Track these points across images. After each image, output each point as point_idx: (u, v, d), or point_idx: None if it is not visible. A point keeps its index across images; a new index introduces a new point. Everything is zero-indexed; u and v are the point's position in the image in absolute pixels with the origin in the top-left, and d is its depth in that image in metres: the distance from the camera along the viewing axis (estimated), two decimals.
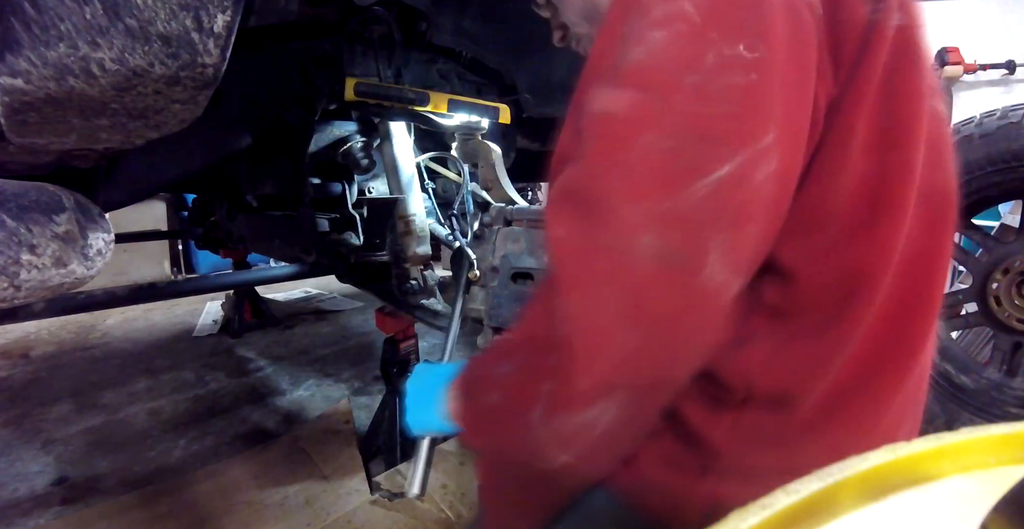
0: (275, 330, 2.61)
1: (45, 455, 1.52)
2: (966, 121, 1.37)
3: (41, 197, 0.54)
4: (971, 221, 1.46)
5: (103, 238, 0.60)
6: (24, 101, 0.45)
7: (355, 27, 0.97)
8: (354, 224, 1.17)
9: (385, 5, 0.93)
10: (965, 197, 1.36)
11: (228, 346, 2.40)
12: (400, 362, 1.42)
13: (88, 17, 0.42)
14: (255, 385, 1.98)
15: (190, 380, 2.03)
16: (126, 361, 2.22)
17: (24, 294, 0.53)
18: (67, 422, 1.71)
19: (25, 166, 0.60)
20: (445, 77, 1.20)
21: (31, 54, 0.42)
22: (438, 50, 1.14)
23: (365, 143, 1.14)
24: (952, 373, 1.42)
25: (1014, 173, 1.27)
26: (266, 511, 1.23)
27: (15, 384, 2.00)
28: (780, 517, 0.21)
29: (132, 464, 1.47)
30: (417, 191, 1.10)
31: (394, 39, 1.01)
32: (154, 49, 0.46)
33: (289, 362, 2.20)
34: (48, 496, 1.34)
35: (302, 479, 1.35)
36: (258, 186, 1.28)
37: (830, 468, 0.23)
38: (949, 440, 0.26)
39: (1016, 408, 1.30)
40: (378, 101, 1.01)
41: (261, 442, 1.54)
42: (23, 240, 0.51)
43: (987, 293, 1.37)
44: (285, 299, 3.13)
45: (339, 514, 1.21)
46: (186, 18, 0.46)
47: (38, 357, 2.27)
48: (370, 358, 2.22)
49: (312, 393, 1.91)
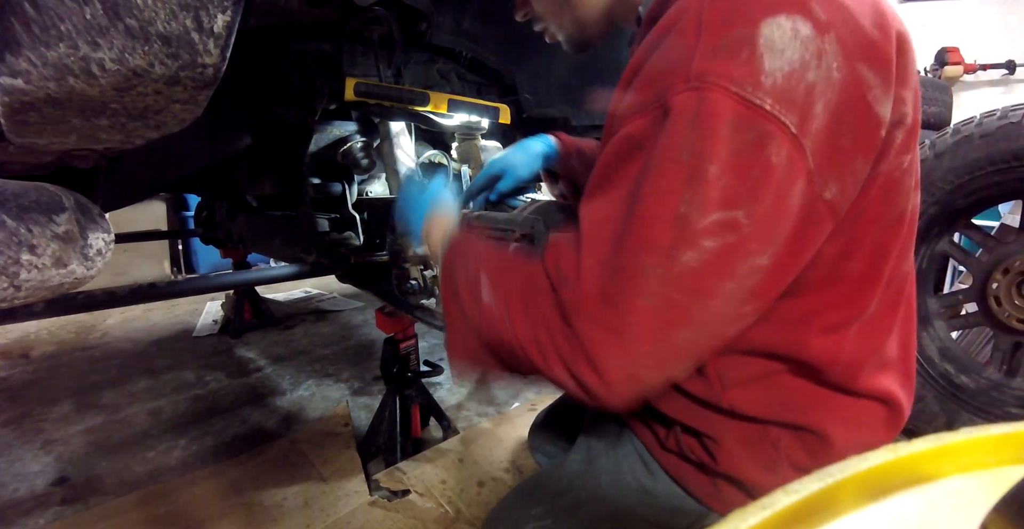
0: (275, 330, 2.61)
1: (45, 455, 1.52)
2: (966, 121, 1.37)
3: (41, 197, 0.54)
4: (971, 221, 1.46)
5: (103, 238, 0.60)
6: (24, 101, 0.45)
7: (355, 27, 0.97)
8: (354, 224, 1.17)
9: (385, 5, 0.93)
10: (965, 197, 1.37)
11: (228, 346, 2.40)
12: (400, 362, 1.42)
13: (88, 17, 0.42)
14: (255, 385, 1.98)
15: (190, 380, 2.03)
16: (126, 361, 2.22)
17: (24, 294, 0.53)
18: (67, 422, 1.71)
19: (25, 166, 0.60)
20: (445, 77, 1.20)
21: (31, 54, 0.42)
22: (438, 50, 1.13)
23: (365, 143, 1.14)
24: (952, 373, 1.42)
25: (1014, 173, 1.27)
26: (265, 512, 1.23)
27: (15, 384, 2.00)
28: (780, 517, 0.21)
29: (132, 464, 1.47)
30: None
31: (394, 39, 1.01)
32: (154, 49, 0.46)
33: (289, 362, 2.20)
34: (48, 496, 1.34)
35: (301, 481, 1.35)
36: (258, 186, 1.28)
37: (830, 468, 0.23)
38: (949, 440, 0.26)
39: (1016, 408, 1.30)
40: (378, 101, 1.01)
41: (261, 442, 1.54)
42: (23, 240, 0.51)
43: (987, 293, 1.37)
44: (285, 299, 3.13)
45: (338, 515, 1.21)
46: (186, 18, 0.46)
47: (38, 357, 2.27)
48: (370, 358, 2.22)
49: (312, 393, 1.91)
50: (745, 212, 0.38)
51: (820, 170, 0.39)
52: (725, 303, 0.41)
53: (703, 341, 0.44)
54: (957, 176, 1.35)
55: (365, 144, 1.13)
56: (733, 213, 0.38)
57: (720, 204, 0.38)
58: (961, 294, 1.46)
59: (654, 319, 0.41)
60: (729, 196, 0.38)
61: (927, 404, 1.42)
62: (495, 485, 1.31)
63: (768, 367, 0.51)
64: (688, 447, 0.57)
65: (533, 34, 0.73)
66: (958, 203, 1.38)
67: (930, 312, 1.48)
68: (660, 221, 0.40)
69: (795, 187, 0.39)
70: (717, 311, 0.41)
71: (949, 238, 1.48)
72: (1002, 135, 1.27)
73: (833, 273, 0.47)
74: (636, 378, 0.44)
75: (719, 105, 0.37)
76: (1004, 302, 1.35)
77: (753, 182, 0.38)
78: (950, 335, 1.49)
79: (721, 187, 0.38)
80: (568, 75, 1.32)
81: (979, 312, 1.42)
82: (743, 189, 0.38)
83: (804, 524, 0.22)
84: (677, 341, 0.42)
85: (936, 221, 1.43)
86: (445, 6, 1.02)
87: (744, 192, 0.38)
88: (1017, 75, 3.34)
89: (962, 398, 1.38)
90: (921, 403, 1.43)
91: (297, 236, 1.27)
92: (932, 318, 1.48)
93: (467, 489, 1.29)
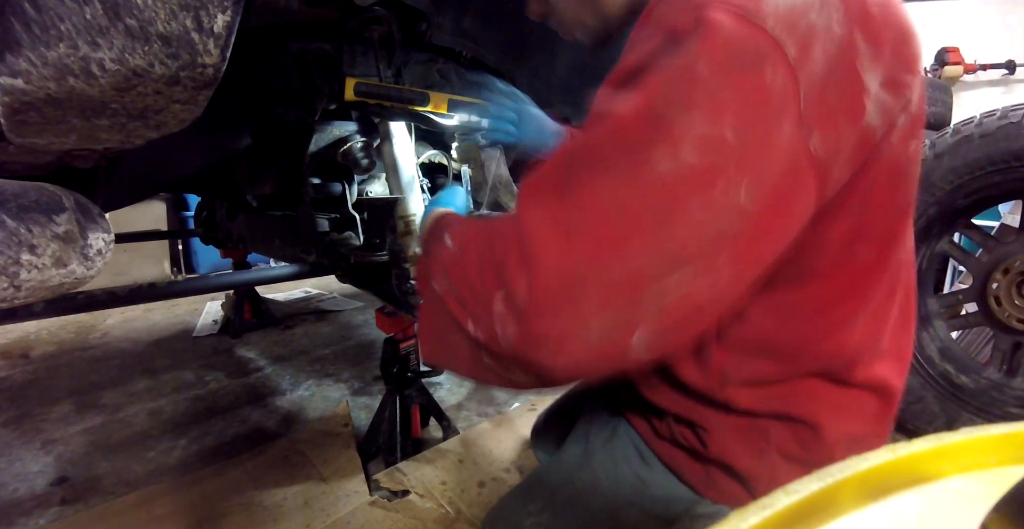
0: (275, 330, 2.61)
1: (45, 455, 1.52)
2: (966, 121, 1.37)
3: (41, 197, 0.54)
4: (971, 221, 1.46)
5: (103, 238, 0.60)
6: (24, 101, 0.45)
7: (355, 27, 0.97)
8: (354, 224, 1.16)
9: (385, 5, 0.93)
10: (965, 197, 1.37)
11: (228, 346, 2.40)
12: (400, 362, 1.42)
13: (88, 17, 0.42)
14: (255, 385, 1.98)
15: (190, 380, 2.03)
16: (126, 361, 2.22)
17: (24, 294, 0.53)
18: (67, 422, 1.71)
19: (25, 166, 0.60)
20: (445, 77, 1.20)
21: (31, 54, 0.42)
22: (438, 50, 1.13)
23: (365, 143, 1.13)
24: (952, 373, 1.42)
25: (1014, 173, 1.27)
26: (265, 512, 1.23)
27: (15, 384, 2.00)
28: (780, 517, 0.21)
29: (132, 464, 1.47)
30: (417, 191, 1.10)
31: (394, 39, 1.01)
32: (154, 49, 0.46)
33: (289, 362, 2.20)
34: (48, 496, 1.34)
35: (301, 481, 1.35)
36: (258, 186, 1.27)
37: (830, 468, 0.23)
38: (949, 440, 0.26)
39: (1016, 408, 1.30)
40: (378, 101, 1.00)
41: (261, 442, 1.54)
42: (23, 240, 0.51)
43: (987, 293, 1.37)
44: (285, 299, 3.13)
45: (338, 515, 1.21)
46: (186, 18, 0.46)
47: (38, 357, 2.27)
48: (370, 358, 2.22)
49: (312, 393, 1.91)
50: (731, 129, 0.35)
51: (809, 115, 0.36)
52: (693, 235, 0.36)
53: (660, 286, 0.36)
54: (957, 176, 1.35)
55: (365, 144, 1.13)
56: (717, 127, 0.35)
57: (705, 112, 0.35)
58: (961, 294, 1.46)
59: (607, 224, 0.36)
60: (715, 106, 0.35)
61: (927, 404, 1.42)
62: (496, 485, 1.31)
63: (779, 371, 0.51)
64: (681, 435, 0.58)
65: (533, 34, 0.73)
66: (958, 203, 1.38)
67: (930, 312, 1.48)
68: (635, 112, 0.36)
69: (784, 121, 0.36)
70: (681, 242, 0.36)
71: (949, 238, 1.48)
72: (1002, 135, 1.27)
73: (842, 260, 0.47)
74: (570, 298, 0.36)
75: (718, 20, 0.35)
76: (1004, 302, 1.35)
77: (744, 99, 0.35)
78: (950, 335, 1.49)
79: (708, 93, 0.35)
80: (568, 75, 1.32)
81: (979, 312, 1.42)
82: (732, 102, 0.35)
83: (804, 524, 0.22)
84: (629, 265, 0.36)
85: (936, 221, 1.43)
86: (445, 6, 1.02)
87: (733, 106, 0.35)
88: (1017, 75, 3.34)
89: (962, 398, 1.38)
90: (921, 403, 1.43)
91: (297, 236, 1.27)
92: (932, 318, 1.48)
93: (468, 490, 1.29)
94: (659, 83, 0.36)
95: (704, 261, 0.36)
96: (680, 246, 0.36)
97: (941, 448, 0.26)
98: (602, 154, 0.37)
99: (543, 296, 0.36)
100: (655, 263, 0.36)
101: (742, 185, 0.35)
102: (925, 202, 1.40)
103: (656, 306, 0.36)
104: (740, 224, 0.36)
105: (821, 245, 0.45)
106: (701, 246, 0.36)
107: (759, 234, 0.38)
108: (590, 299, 0.36)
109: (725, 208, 0.36)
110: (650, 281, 0.36)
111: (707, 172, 0.35)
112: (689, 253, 0.36)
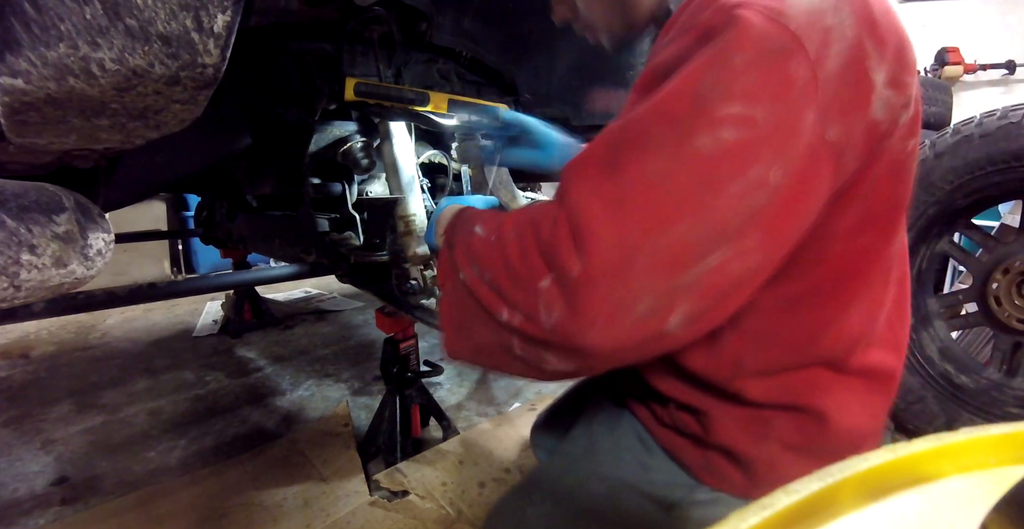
0: (275, 330, 2.61)
1: (45, 455, 1.52)
2: (966, 121, 1.37)
3: (41, 197, 0.54)
4: (971, 221, 1.46)
5: (103, 238, 0.60)
6: (24, 101, 0.45)
7: (355, 27, 0.97)
8: (354, 224, 1.16)
9: (385, 5, 0.93)
10: (965, 197, 1.37)
11: (228, 346, 2.40)
12: (400, 362, 1.42)
13: (88, 17, 0.42)
14: (255, 385, 1.98)
15: (190, 380, 2.03)
16: (126, 361, 2.22)
17: (24, 294, 0.53)
18: (67, 422, 1.71)
19: (25, 166, 0.60)
20: (445, 77, 1.20)
21: (31, 54, 0.42)
22: (438, 50, 1.13)
23: (365, 143, 1.13)
24: (952, 373, 1.42)
25: (1014, 173, 1.27)
26: (265, 512, 1.23)
27: (15, 384, 2.00)
28: (780, 517, 0.21)
29: (132, 464, 1.47)
30: (417, 191, 1.10)
31: (394, 39, 1.01)
32: (154, 49, 0.46)
33: (289, 362, 2.20)
34: (48, 496, 1.34)
35: (301, 481, 1.35)
36: (258, 186, 1.27)
37: (830, 468, 0.23)
38: (949, 440, 0.26)
39: (1016, 408, 1.30)
40: (378, 101, 1.00)
41: (261, 442, 1.54)
42: (23, 240, 0.51)
43: (987, 293, 1.37)
44: (285, 299, 3.13)
45: (338, 515, 1.21)
46: (186, 18, 0.46)
47: (38, 357, 2.27)
48: (370, 358, 2.22)
49: (312, 393, 1.91)
50: (763, 113, 0.39)
51: (826, 106, 0.40)
52: (732, 210, 0.38)
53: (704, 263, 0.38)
54: (957, 176, 1.35)
55: (365, 144, 1.13)
56: (751, 110, 0.39)
57: (741, 96, 0.39)
58: (961, 294, 1.46)
59: (656, 196, 0.39)
60: (749, 92, 0.39)
61: (927, 404, 1.42)
62: (496, 486, 1.31)
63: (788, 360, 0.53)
64: (682, 421, 0.59)
65: (533, 34, 0.73)
66: (958, 203, 1.38)
67: (930, 312, 1.48)
68: (678, 94, 0.40)
69: (807, 111, 0.39)
70: (722, 216, 0.38)
71: (949, 238, 1.48)
72: (1002, 135, 1.27)
73: (848, 248, 0.49)
74: (623, 272, 0.38)
75: (749, 17, 0.39)
76: (1004, 302, 1.35)
77: (774, 86, 0.39)
78: (950, 335, 1.49)
79: (743, 80, 0.39)
80: (568, 75, 1.32)
81: (979, 312, 1.42)
82: (763, 89, 0.39)
83: (804, 524, 0.22)
84: (676, 238, 0.38)
85: (936, 221, 1.43)
86: (445, 6, 1.02)
87: (764, 93, 0.39)
88: (1017, 75, 3.34)
89: (962, 398, 1.38)
90: (921, 403, 1.43)
91: (297, 236, 1.27)
92: (932, 318, 1.48)
93: (468, 490, 1.29)
94: (699, 69, 0.40)
95: (740, 238, 0.39)
96: (721, 220, 0.39)
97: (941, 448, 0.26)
98: (648, 132, 0.41)
99: (597, 270, 0.39)
100: (699, 237, 0.39)
101: (773, 164, 0.39)
102: (925, 202, 1.40)
103: (696, 283, 0.39)
104: (772, 201, 0.39)
105: (831, 233, 0.47)
106: (740, 221, 0.39)
107: (788, 211, 0.41)
108: (640, 274, 0.38)
109: (759, 185, 0.39)
110: (695, 257, 0.39)
111: (743, 150, 0.38)
112: (730, 229, 0.39)
